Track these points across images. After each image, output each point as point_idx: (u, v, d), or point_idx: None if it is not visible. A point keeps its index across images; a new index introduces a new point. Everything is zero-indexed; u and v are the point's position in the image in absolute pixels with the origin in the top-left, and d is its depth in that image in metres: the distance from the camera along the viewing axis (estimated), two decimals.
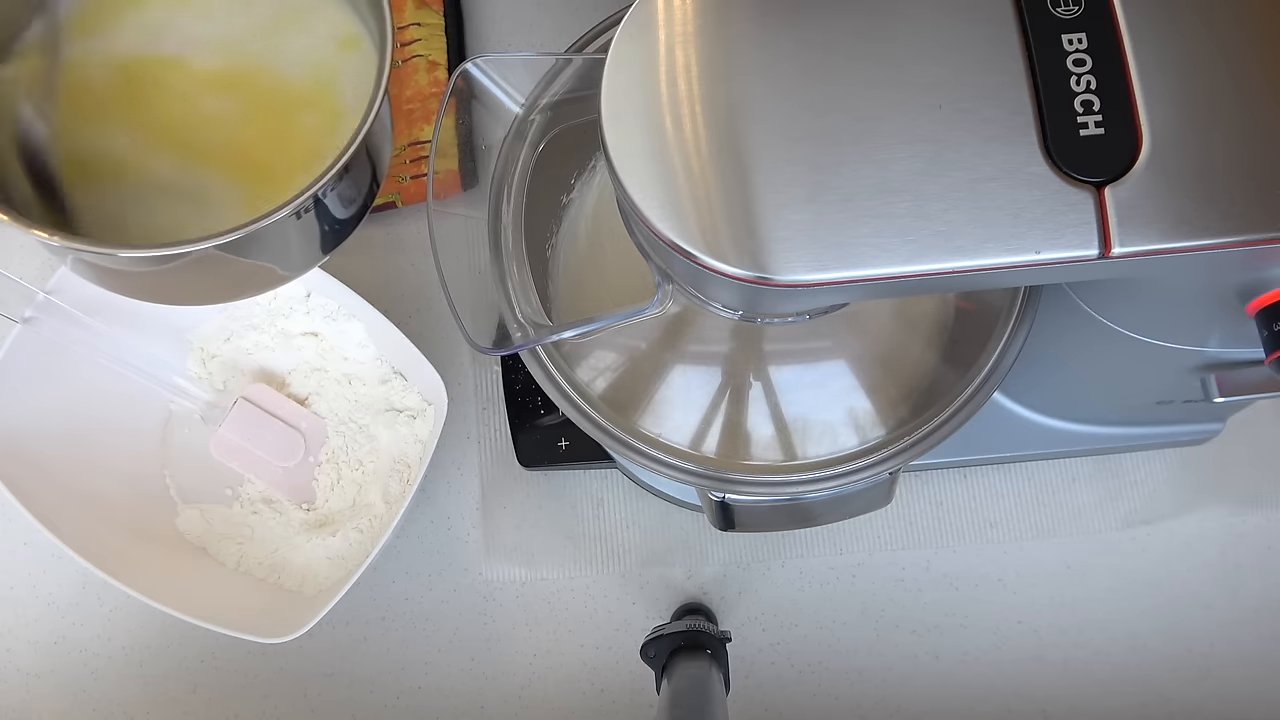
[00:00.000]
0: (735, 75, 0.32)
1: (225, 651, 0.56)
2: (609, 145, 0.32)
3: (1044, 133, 0.31)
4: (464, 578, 0.57)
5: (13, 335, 0.50)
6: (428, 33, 0.61)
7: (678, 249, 0.31)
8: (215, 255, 0.40)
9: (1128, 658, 0.56)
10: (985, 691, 0.56)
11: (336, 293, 0.53)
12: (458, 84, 0.41)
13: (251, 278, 0.45)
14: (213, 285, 0.46)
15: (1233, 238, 0.31)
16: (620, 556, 0.57)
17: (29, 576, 0.57)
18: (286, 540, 0.55)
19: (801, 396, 0.43)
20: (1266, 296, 0.34)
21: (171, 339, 0.57)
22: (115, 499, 0.54)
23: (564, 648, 0.56)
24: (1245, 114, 0.31)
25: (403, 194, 0.60)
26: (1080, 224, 0.31)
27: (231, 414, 0.55)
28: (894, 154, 0.31)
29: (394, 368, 0.56)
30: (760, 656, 0.56)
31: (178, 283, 0.44)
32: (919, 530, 0.57)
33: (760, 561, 0.57)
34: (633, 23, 0.32)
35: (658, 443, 0.43)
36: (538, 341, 0.41)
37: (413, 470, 0.54)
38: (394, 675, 0.56)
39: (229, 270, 0.43)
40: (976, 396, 0.42)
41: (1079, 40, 0.31)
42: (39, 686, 0.56)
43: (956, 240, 0.31)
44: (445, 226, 0.44)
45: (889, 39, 0.32)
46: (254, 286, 0.47)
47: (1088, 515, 0.57)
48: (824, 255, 0.31)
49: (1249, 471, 0.58)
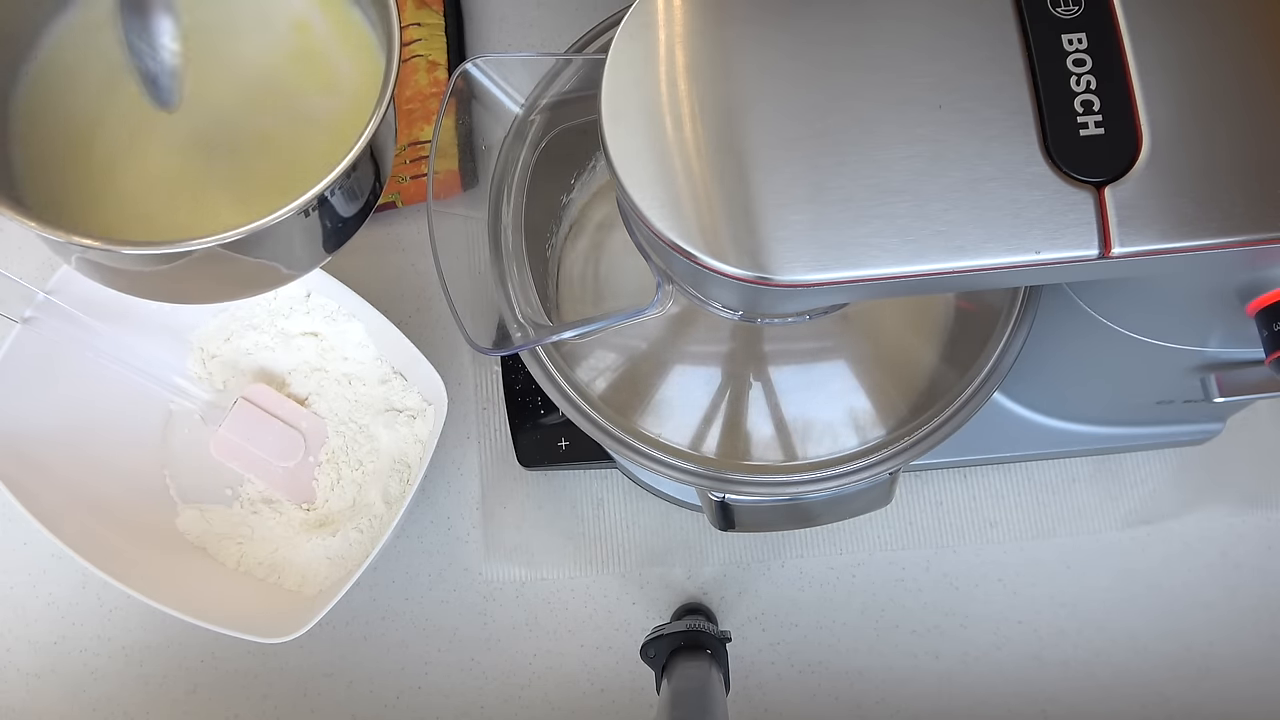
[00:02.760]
0: (735, 75, 0.32)
1: (225, 651, 0.56)
2: (609, 145, 0.32)
3: (1044, 133, 0.31)
4: (464, 578, 0.57)
5: (13, 335, 0.50)
6: (428, 33, 0.61)
7: (678, 249, 0.31)
8: (219, 254, 0.39)
9: (1128, 657, 0.56)
10: (985, 692, 0.56)
11: (336, 293, 0.53)
12: (458, 84, 0.41)
13: (256, 277, 0.45)
14: (217, 284, 0.45)
15: (1233, 238, 0.31)
16: (620, 556, 0.57)
17: (29, 576, 0.57)
18: (286, 540, 0.55)
19: (801, 396, 0.43)
20: (1266, 296, 0.34)
21: (171, 339, 0.57)
22: (115, 499, 0.54)
23: (564, 648, 0.56)
24: (1246, 113, 0.31)
25: (403, 194, 0.60)
26: (1080, 224, 0.31)
27: (231, 414, 0.55)
28: (894, 154, 0.31)
29: (394, 368, 0.56)
30: (760, 656, 0.56)
31: (181, 281, 0.44)
32: (919, 530, 0.57)
33: (760, 561, 0.57)
34: (633, 23, 0.32)
35: (658, 443, 0.43)
36: (538, 341, 0.41)
37: (413, 470, 0.54)
38: (394, 675, 0.56)
39: (233, 269, 0.43)
40: (976, 396, 0.42)
41: (1079, 40, 0.31)
42: (39, 686, 0.56)
43: (956, 240, 0.31)
44: (445, 226, 0.44)
45: (889, 39, 0.32)
46: (258, 285, 0.47)
47: (1088, 515, 0.57)
48: (824, 255, 0.31)
49: (1249, 471, 0.58)
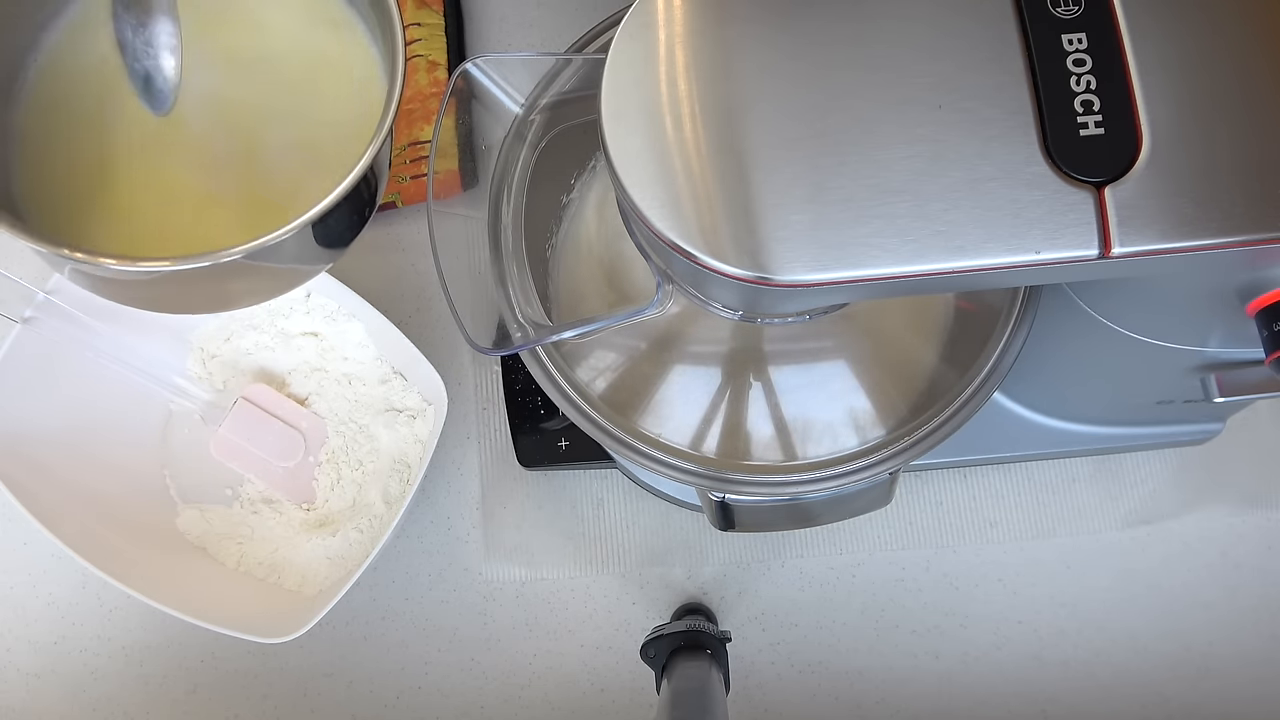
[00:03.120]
0: (735, 75, 0.32)
1: (225, 651, 0.56)
2: (609, 145, 0.32)
3: (1044, 133, 0.31)
4: (464, 578, 0.57)
5: (13, 335, 0.50)
6: (428, 33, 0.61)
7: (678, 249, 0.31)
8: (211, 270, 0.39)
9: (1128, 657, 0.56)
10: (985, 692, 0.56)
11: (336, 293, 0.53)
12: (458, 84, 0.41)
13: (249, 291, 0.45)
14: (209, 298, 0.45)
15: (1233, 238, 0.31)
16: (620, 556, 0.57)
17: (29, 576, 0.57)
18: (286, 540, 0.55)
19: (801, 396, 0.43)
20: (1266, 296, 0.34)
21: (171, 339, 0.57)
22: (115, 499, 0.54)
23: (564, 648, 0.56)
24: (1246, 113, 0.31)
25: (403, 194, 0.60)
26: (1080, 224, 0.31)
27: (231, 414, 0.55)
28: (894, 154, 0.31)
29: (394, 368, 0.56)
30: (760, 656, 0.56)
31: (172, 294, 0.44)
32: (919, 530, 0.57)
33: (760, 561, 0.57)
34: (633, 23, 0.32)
35: (658, 443, 0.43)
36: (538, 341, 0.41)
37: (413, 470, 0.54)
38: (394, 675, 0.56)
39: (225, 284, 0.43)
40: (976, 396, 0.42)
41: (1079, 40, 0.31)
42: (39, 686, 0.56)
43: (956, 240, 0.31)
44: (445, 226, 0.44)
45: (889, 39, 0.32)
46: (251, 298, 0.47)
47: (1088, 515, 0.57)
48: (824, 255, 0.31)
49: (1249, 471, 0.58)
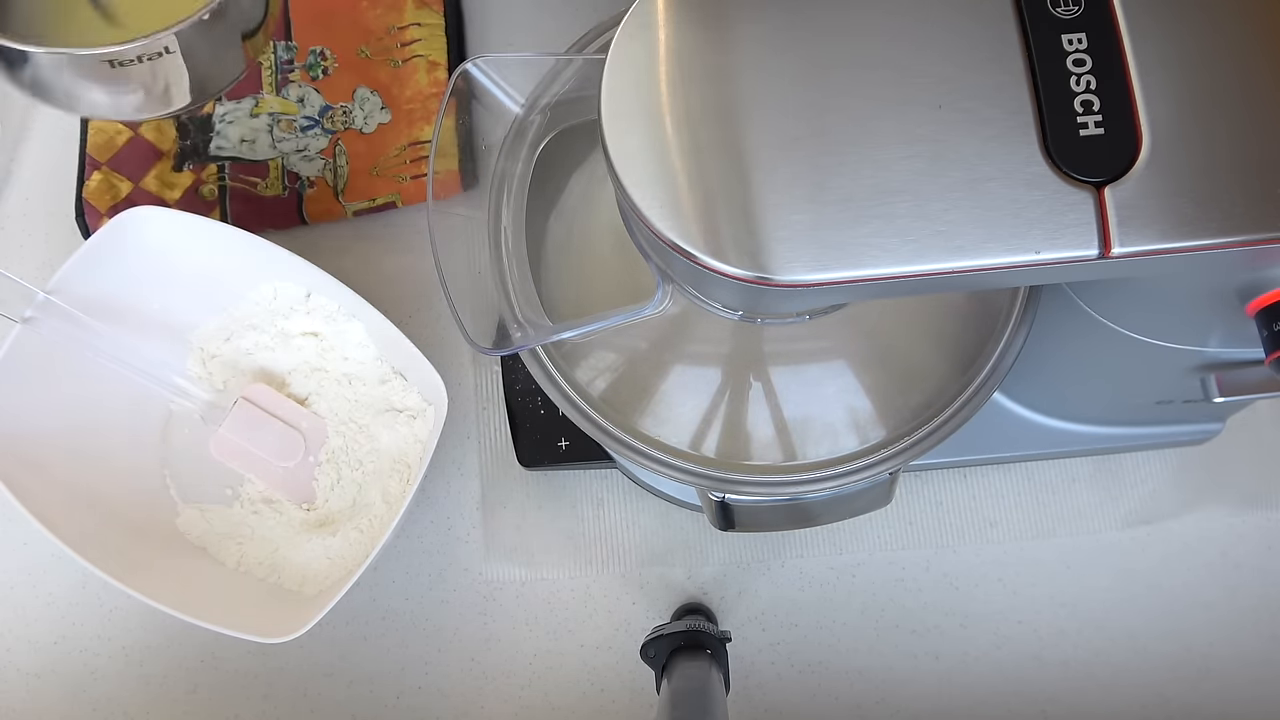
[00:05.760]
0: (735, 75, 0.32)
1: (225, 651, 0.56)
2: (609, 145, 0.32)
3: (1044, 133, 0.31)
4: (464, 578, 0.57)
5: (13, 335, 0.50)
6: (428, 33, 0.62)
7: (678, 249, 0.31)
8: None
9: (1128, 657, 0.56)
10: (985, 692, 0.56)
11: (336, 293, 0.53)
12: (458, 84, 0.41)
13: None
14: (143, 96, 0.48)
15: (1233, 238, 0.31)
16: (620, 556, 0.57)
17: (29, 576, 0.57)
18: (286, 540, 0.55)
19: (801, 397, 0.43)
20: (1266, 296, 0.34)
21: (171, 339, 0.57)
22: (115, 499, 0.53)
23: (564, 648, 0.56)
24: (1246, 113, 0.31)
25: (403, 194, 0.60)
26: (1080, 224, 0.31)
27: (231, 414, 0.55)
28: (894, 154, 0.31)
29: (394, 368, 0.56)
30: (760, 656, 0.56)
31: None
32: (919, 530, 0.57)
33: (760, 561, 0.57)
34: (633, 23, 0.32)
35: (658, 443, 0.43)
36: (538, 341, 0.41)
37: (413, 470, 0.54)
38: (394, 675, 0.56)
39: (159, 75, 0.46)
40: (976, 396, 0.42)
41: (1079, 40, 0.31)
42: (39, 686, 0.56)
43: (956, 240, 0.31)
44: (445, 226, 0.44)
45: (889, 39, 0.32)
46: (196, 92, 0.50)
47: (1088, 515, 0.57)
48: (824, 255, 0.31)
49: (1249, 471, 0.58)
